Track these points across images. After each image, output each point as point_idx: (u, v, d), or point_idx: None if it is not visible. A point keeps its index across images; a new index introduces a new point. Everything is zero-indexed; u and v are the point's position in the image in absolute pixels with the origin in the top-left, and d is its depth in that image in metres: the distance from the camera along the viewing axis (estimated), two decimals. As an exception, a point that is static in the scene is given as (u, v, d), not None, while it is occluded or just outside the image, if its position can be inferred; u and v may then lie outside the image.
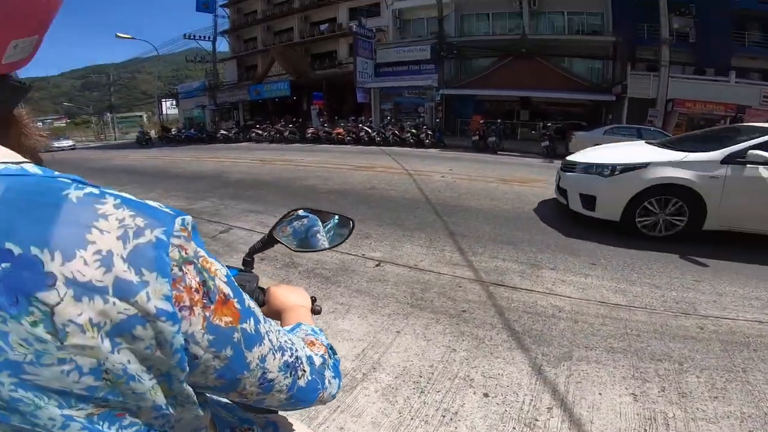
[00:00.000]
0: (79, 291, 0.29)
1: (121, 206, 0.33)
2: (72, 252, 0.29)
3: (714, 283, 3.47)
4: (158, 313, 0.31)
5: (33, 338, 0.28)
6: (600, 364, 2.31)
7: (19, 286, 0.28)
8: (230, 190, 7.40)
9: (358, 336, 2.57)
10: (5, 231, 0.28)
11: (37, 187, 0.31)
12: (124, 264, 0.30)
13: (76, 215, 0.31)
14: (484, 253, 4.11)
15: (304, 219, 0.86)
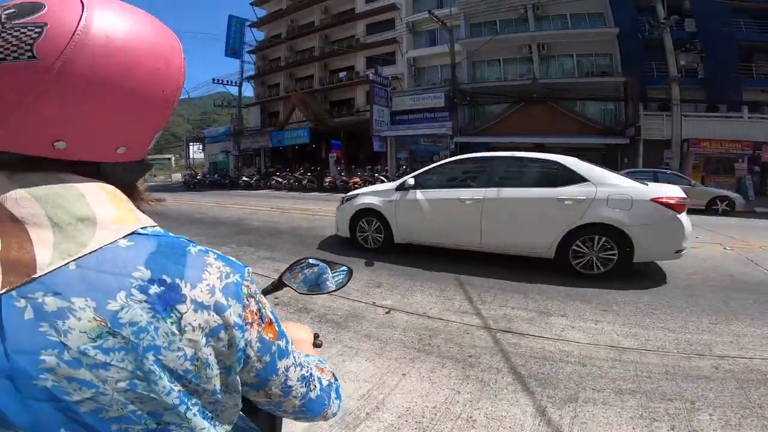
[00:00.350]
0: (196, 306, 0.45)
1: (217, 259, 0.51)
2: (195, 284, 0.46)
3: (731, 326, 3.39)
4: (234, 324, 0.48)
5: (170, 332, 0.43)
6: (607, 405, 2.27)
7: (169, 300, 0.44)
8: (249, 237, 7.63)
9: (364, 377, 2.60)
10: (163, 268, 0.45)
11: (174, 243, 0.49)
12: (220, 293, 0.48)
13: (196, 262, 0.48)
14: (494, 301, 4.11)
15: (314, 267, 1.01)
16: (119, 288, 0.42)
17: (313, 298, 4.01)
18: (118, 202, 0.49)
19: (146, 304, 0.42)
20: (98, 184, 0.48)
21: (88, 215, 0.45)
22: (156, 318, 0.42)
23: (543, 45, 22.53)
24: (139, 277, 0.43)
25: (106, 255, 0.43)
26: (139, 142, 0.52)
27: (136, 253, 0.45)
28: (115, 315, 0.41)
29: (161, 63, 0.50)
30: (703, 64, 19.21)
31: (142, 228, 0.48)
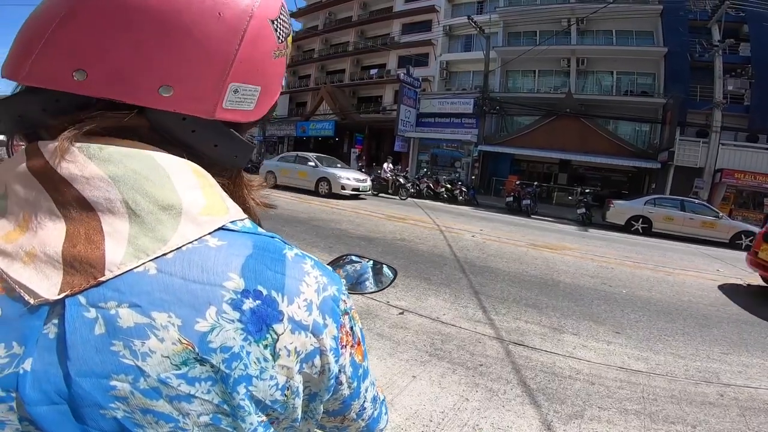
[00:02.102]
0: (294, 326, 0.37)
1: (314, 267, 0.42)
2: (292, 298, 0.38)
3: (742, 357, 3.40)
4: (330, 349, 0.40)
5: (262, 358, 0.35)
6: (611, 424, 2.33)
7: (264, 317, 0.36)
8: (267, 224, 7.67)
9: (375, 376, 2.70)
10: (257, 276, 0.37)
11: (268, 245, 0.40)
12: (317, 311, 0.39)
13: (294, 271, 0.39)
14: (507, 313, 4.17)
15: (357, 264, 0.96)
16: (209, 302, 0.34)
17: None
18: (207, 185, 0.41)
19: (239, 323, 0.35)
20: (186, 162, 0.40)
21: (173, 202, 0.36)
22: (248, 342, 0.35)
23: (582, 59, 21.95)
24: (233, 287, 0.35)
25: (193, 257, 0.35)
26: (190, 84, 0.39)
27: (228, 255, 0.37)
28: (205, 337, 0.33)
29: None
30: (751, 91, 18.42)
31: (232, 222, 0.40)
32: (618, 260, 7.57)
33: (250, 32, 0.41)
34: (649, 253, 8.86)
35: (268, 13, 0.43)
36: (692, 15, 19.66)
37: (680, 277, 6.65)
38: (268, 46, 0.44)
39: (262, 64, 0.44)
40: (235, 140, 0.45)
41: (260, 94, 0.45)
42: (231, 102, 0.42)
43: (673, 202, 13.40)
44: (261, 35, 0.43)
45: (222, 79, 0.41)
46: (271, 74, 0.45)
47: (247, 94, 0.43)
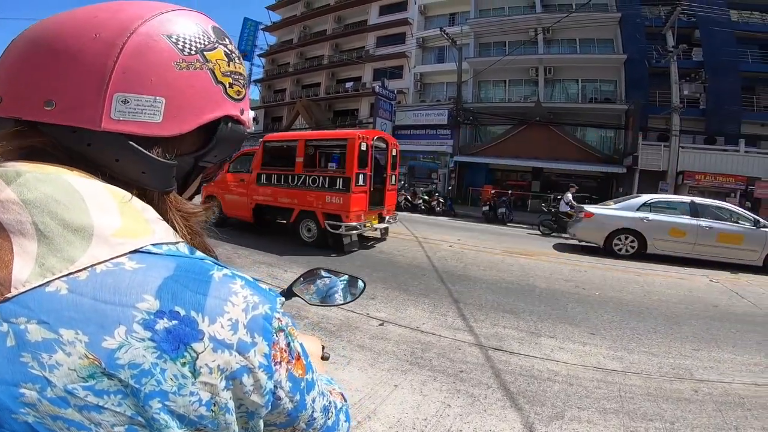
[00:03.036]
0: (216, 345, 0.39)
1: (245, 287, 0.43)
2: (215, 317, 0.39)
3: (713, 352, 3.53)
4: (259, 365, 0.41)
5: (180, 375, 0.37)
6: (591, 424, 2.37)
7: (181, 337, 0.37)
8: (244, 239, 7.69)
9: (357, 387, 2.68)
10: (175, 297, 0.38)
11: (193, 267, 0.42)
12: (244, 329, 0.41)
13: (218, 291, 0.41)
14: (486, 320, 4.21)
15: (326, 279, 0.98)
16: (118, 321, 0.36)
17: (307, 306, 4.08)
18: (129, 209, 0.42)
19: (151, 342, 0.36)
20: (108, 187, 0.43)
21: (84, 224, 0.38)
22: (163, 359, 0.36)
23: (549, 68, 22.78)
24: (146, 308, 0.37)
25: (106, 279, 0.37)
26: (69, 96, 0.42)
27: (145, 277, 0.38)
28: (112, 355, 0.35)
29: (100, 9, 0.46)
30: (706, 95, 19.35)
31: (154, 244, 0.41)
32: (590, 263, 7.77)
33: (130, 46, 0.44)
34: (620, 256, 9.11)
35: (163, 29, 0.46)
36: (648, 22, 20.62)
37: (649, 277, 6.87)
38: (163, 57, 0.45)
39: (161, 75, 0.45)
40: (139, 155, 0.45)
41: (167, 105, 0.45)
42: (122, 113, 0.43)
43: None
44: (150, 48, 0.45)
45: (101, 89, 0.42)
46: (178, 86, 0.46)
47: (143, 105, 0.44)
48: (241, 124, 0.56)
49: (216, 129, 0.52)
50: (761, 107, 20.29)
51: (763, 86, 20.42)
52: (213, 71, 0.49)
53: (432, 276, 5.93)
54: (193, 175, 0.55)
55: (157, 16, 0.47)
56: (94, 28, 0.44)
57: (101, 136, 0.43)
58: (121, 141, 0.44)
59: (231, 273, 0.44)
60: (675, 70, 17.71)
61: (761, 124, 19.66)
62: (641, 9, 21.05)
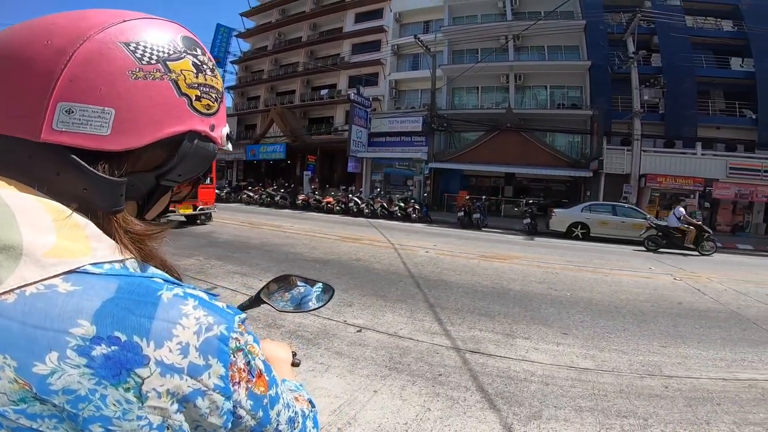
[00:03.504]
0: (164, 369, 0.37)
1: (198, 307, 0.41)
2: (161, 342, 0.37)
3: (680, 348, 3.67)
4: (215, 387, 0.40)
5: (124, 400, 0.36)
6: (568, 422, 2.42)
7: (123, 362, 0.36)
8: (218, 251, 7.53)
9: (336, 393, 2.65)
10: (116, 322, 0.37)
11: (139, 288, 0.40)
12: (196, 352, 0.39)
13: (167, 313, 0.39)
14: (462, 323, 4.25)
15: (301, 288, 0.97)
16: (49, 347, 0.34)
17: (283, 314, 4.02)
18: (68, 226, 0.40)
19: (87, 368, 0.35)
20: (45, 202, 0.40)
21: (12, 243, 0.36)
22: (102, 385, 0.35)
23: (520, 75, 23.44)
24: (80, 334, 0.35)
25: (37, 303, 0.35)
26: (9, 103, 0.41)
27: (80, 301, 0.36)
28: (44, 380, 0.34)
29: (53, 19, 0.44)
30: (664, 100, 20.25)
31: (93, 264, 0.39)
32: (562, 265, 7.98)
33: (80, 53, 0.41)
34: (589, 257, 9.41)
35: (119, 37, 0.43)
36: (610, 29, 21.56)
37: (617, 276, 7.12)
38: (113, 66, 0.42)
39: (111, 84, 0.42)
40: (81, 170, 0.41)
41: (117, 117, 0.42)
42: (65, 123, 0.40)
43: (606, 207, 14.43)
44: (102, 56, 0.42)
45: (44, 97, 0.40)
46: (131, 96, 0.43)
47: (89, 115, 0.41)
48: (211, 141, 0.52)
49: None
50: (716, 111, 21.44)
51: (717, 90, 21.56)
52: (176, 82, 0.46)
53: (409, 282, 5.95)
54: (156, 194, 0.51)
55: (118, 24, 0.44)
56: (48, 35, 0.42)
57: (41, 147, 0.40)
58: (62, 154, 0.41)
59: (183, 293, 0.42)
60: (636, 75, 18.52)
61: (716, 128, 20.76)
62: (604, 16, 21.96)
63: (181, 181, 0.52)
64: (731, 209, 19.47)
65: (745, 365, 3.47)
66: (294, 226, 11.98)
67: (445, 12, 25.59)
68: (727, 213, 19.48)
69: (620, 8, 21.08)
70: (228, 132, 0.57)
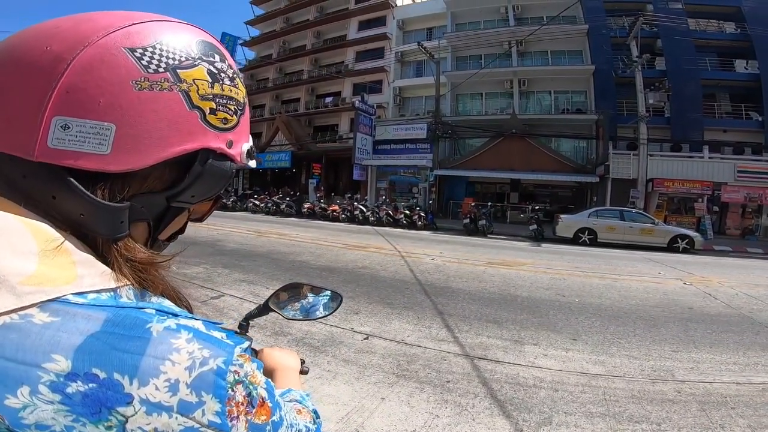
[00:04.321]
0: (150, 408, 0.34)
1: (192, 340, 0.37)
2: (146, 379, 0.34)
3: (691, 353, 3.62)
4: (210, 424, 0.37)
5: None
6: (579, 428, 2.39)
7: (102, 400, 0.33)
8: (224, 259, 7.54)
9: (343, 401, 2.64)
10: (95, 358, 0.34)
11: (125, 320, 0.36)
12: (187, 389, 0.36)
13: (154, 349, 0.35)
14: (470, 330, 4.22)
15: (310, 297, 0.96)
16: (20, 381, 0.32)
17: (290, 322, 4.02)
18: (50, 249, 0.37)
19: (61, 405, 0.33)
20: (31, 224, 0.37)
21: None
22: (81, 422, 0.33)
23: (524, 80, 23.47)
24: (54, 370, 0.33)
25: (8, 334, 0.33)
26: (5, 117, 0.38)
27: (56, 333, 0.34)
28: (16, 414, 0.32)
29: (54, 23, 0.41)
30: (670, 103, 20.15)
31: (77, 294, 0.36)
32: (569, 271, 7.92)
33: (80, 60, 0.38)
34: (597, 263, 9.34)
35: (124, 42, 0.40)
36: (613, 33, 21.54)
37: (626, 282, 7.05)
38: (115, 75, 0.38)
39: (108, 96, 0.38)
40: (78, 194, 0.38)
41: (118, 133, 0.38)
42: (61, 141, 0.37)
43: (613, 212, 14.31)
44: (104, 63, 0.38)
45: (38, 110, 0.37)
46: (135, 110, 0.39)
47: (87, 132, 0.37)
48: (229, 159, 0.48)
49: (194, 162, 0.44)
50: (722, 114, 21.28)
51: (722, 93, 21.45)
52: (188, 93, 0.42)
53: (415, 289, 5.93)
54: (167, 216, 0.47)
55: (125, 27, 0.40)
56: (49, 39, 0.38)
57: (36, 167, 0.37)
58: (59, 174, 0.38)
59: (176, 325, 0.38)
60: (640, 79, 18.42)
61: (723, 131, 20.61)
62: (607, 20, 21.96)
63: (195, 202, 0.47)
64: (740, 212, 19.24)
65: (758, 369, 3.42)
66: (300, 235, 12.01)
67: (447, 18, 25.78)
68: (736, 216, 19.25)
69: (622, 12, 21.09)
70: (250, 147, 0.53)
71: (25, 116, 0.37)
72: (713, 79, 20.85)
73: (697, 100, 20.28)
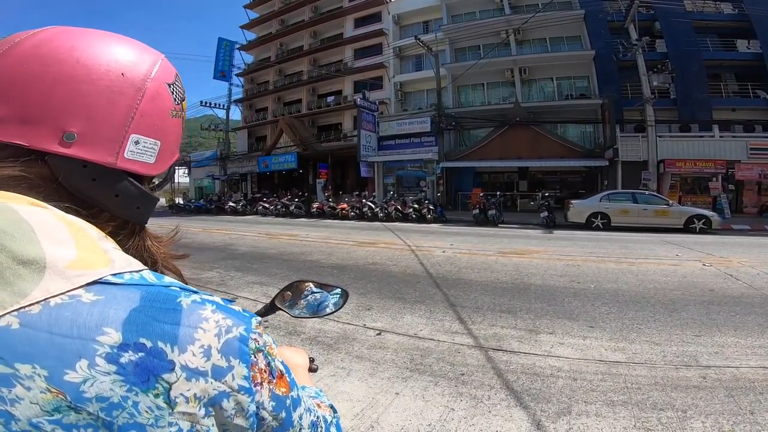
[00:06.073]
0: (189, 374, 0.38)
1: (216, 311, 0.42)
2: (185, 346, 0.38)
3: (715, 337, 3.50)
4: (239, 388, 0.41)
5: (155, 406, 0.36)
6: (600, 417, 2.31)
7: (150, 368, 0.36)
8: (237, 262, 7.57)
9: (358, 397, 2.59)
10: (141, 329, 0.37)
11: (159, 296, 0.41)
12: (218, 354, 0.40)
13: (188, 319, 0.40)
14: (483, 321, 4.14)
15: (317, 294, 0.98)
16: (79, 355, 0.35)
17: (303, 320, 3.99)
18: (84, 239, 0.41)
19: (117, 375, 0.35)
20: (58, 214, 0.41)
21: (34, 257, 0.37)
22: (133, 392, 0.36)
23: (524, 69, 23.23)
24: (108, 342, 0.36)
25: (62, 312, 0.36)
26: (94, 132, 0.44)
27: (104, 309, 0.37)
28: (77, 388, 0.34)
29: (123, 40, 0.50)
30: (674, 85, 19.83)
31: (114, 274, 0.40)
32: (583, 257, 7.78)
33: (150, 90, 0.48)
34: (611, 247, 9.17)
35: (165, 78, 0.51)
36: (610, 17, 21.32)
37: (643, 266, 6.90)
38: (165, 105, 0.51)
39: (161, 121, 0.50)
40: (138, 191, 0.49)
41: (160, 149, 0.51)
42: (132, 153, 0.47)
43: (625, 195, 14.06)
44: (159, 95, 0.50)
45: (124, 128, 0.46)
46: (170, 132, 0.52)
47: (147, 147, 0.49)
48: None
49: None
50: (729, 93, 20.99)
51: (728, 73, 21.22)
52: (183, 119, 0.55)
53: (427, 282, 5.86)
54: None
55: (159, 63, 0.51)
56: (118, 65, 0.47)
57: (109, 172, 0.46)
58: (122, 178, 0.48)
59: (200, 299, 0.43)
60: (642, 62, 18.25)
61: (731, 109, 20.37)
62: (603, 4, 21.74)
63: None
64: (756, 190, 18.85)
65: (786, 351, 3.29)
66: (310, 235, 12.02)
67: (443, 11, 25.59)
68: (752, 194, 18.88)
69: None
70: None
71: (113, 132, 0.46)
72: (716, 59, 20.58)
73: (701, 81, 20.05)
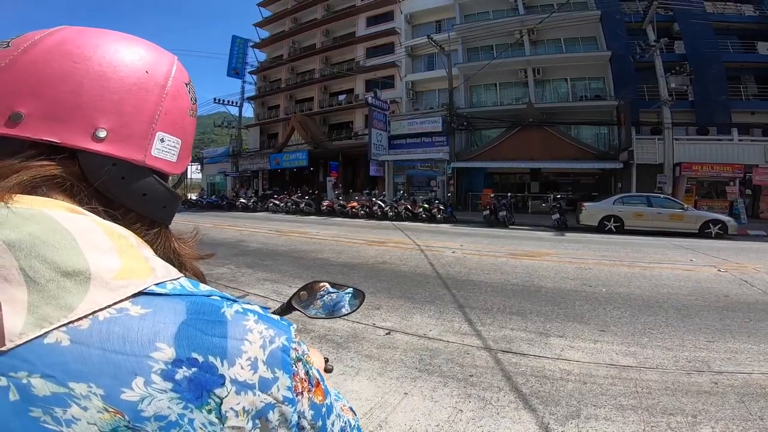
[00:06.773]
0: (239, 387, 0.37)
1: (258, 321, 0.42)
2: (233, 359, 0.38)
3: (728, 343, 3.46)
4: (283, 399, 0.40)
5: (208, 422, 0.35)
6: (609, 421, 2.30)
7: (203, 384, 0.36)
8: (248, 259, 7.66)
9: (366, 396, 2.62)
10: (192, 344, 0.37)
11: (203, 307, 0.40)
12: (264, 366, 0.39)
13: (233, 331, 0.39)
14: (493, 323, 4.14)
15: (333, 294, 0.97)
16: (134, 372, 0.34)
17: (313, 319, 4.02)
18: (125, 246, 0.40)
19: (174, 393, 0.35)
20: (96, 220, 0.40)
21: (79, 267, 0.35)
22: (189, 409, 0.35)
23: (538, 69, 22.97)
24: (162, 358, 0.35)
25: (113, 327, 0.35)
26: (124, 128, 0.44)
27: (155, 323, 0.36)
28: (135, 407, 0.33)
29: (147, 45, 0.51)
30: (692, 87, 19.47)
31: (158, 284, 0.39)
32: (595, 260, 7.71)
33: (172, 89, 0.49)
34: (624, 251, 9.06)
35: (183, 78, 0.52)
36: (627, 18, 20.91)
37: (656, 270, 6.81)
38: (185, 104, 0.51)
39: (182, 120, 0.50)
40: (164, 189, 0.49)
41: (181, 147, 0.51)
42: (158, 150, 0.47)
43: (640, 198, 13.83)
44: (180, 94, 0.50)
45: (151, 126, 0.46)
46: (188, 131, 0.52)
47: (171, 145, 0.49)
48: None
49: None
50: (749, 96, 20.50)
51: (748, 75, 20.75)
52: (195, 118, 0.55)
53: (436, 283, 5.87)
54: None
55: (175, 63, 0.52)
56: (143, 63, 0.47)
57: (138, 170, 0.46)
58: (148, 176, 0.47)
59: (242, 308, 0.42)
60: (660, 63, 17.91)
61: (751, 113, 19.90)
62: (620, 5, 21.38)
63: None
64: (774, 195, 18.44)
65: (801, 359, 3.23)
66: (320, 232, 12.08)
67: (455, 10, 25.45)
68: (769, 199, 18.47)
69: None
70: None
71: (141, 128, 0.45)
72: (736, 61, 20.11)
73: (721, 83, 19.60)
